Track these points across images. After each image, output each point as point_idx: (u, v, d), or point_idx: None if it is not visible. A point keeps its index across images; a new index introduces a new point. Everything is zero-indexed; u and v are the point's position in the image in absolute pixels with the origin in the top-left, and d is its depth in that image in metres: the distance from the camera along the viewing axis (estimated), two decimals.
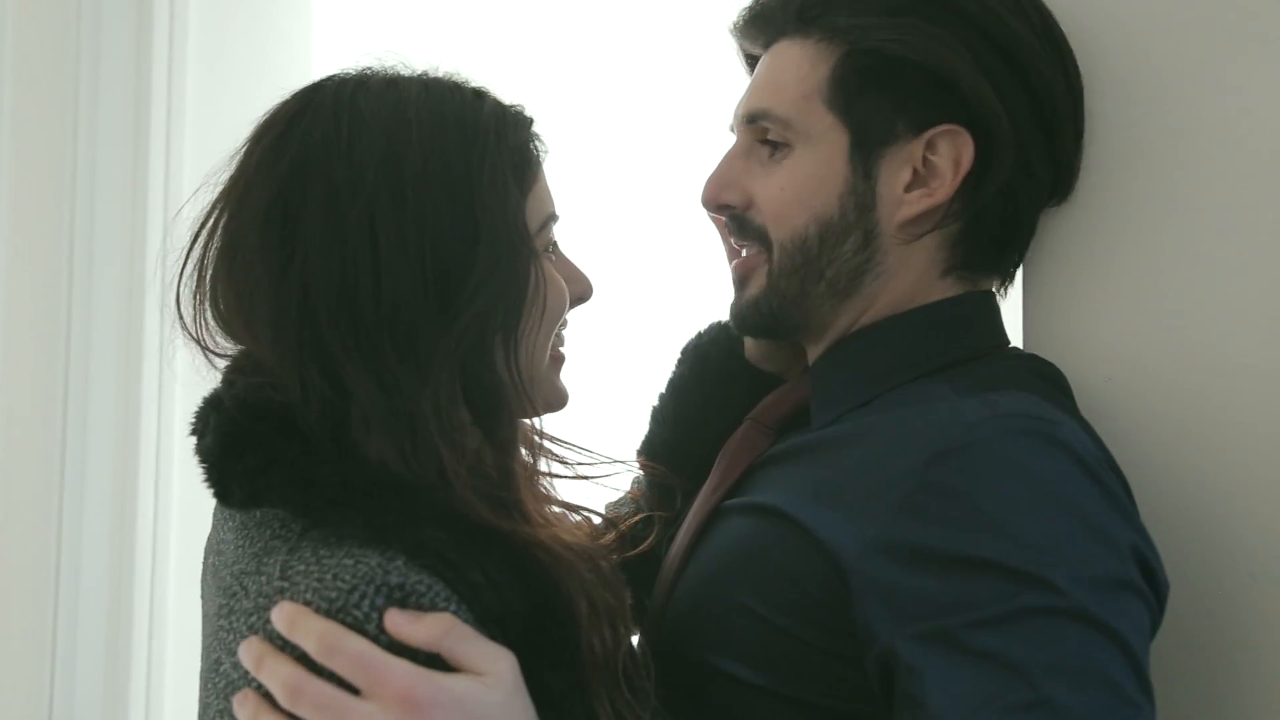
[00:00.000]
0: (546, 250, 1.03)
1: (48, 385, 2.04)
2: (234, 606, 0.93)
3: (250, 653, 0.87)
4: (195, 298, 1.00)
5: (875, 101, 1.04)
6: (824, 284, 1.06)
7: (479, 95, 1.02)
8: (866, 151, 1.04)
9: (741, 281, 1.11)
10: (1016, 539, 0.89)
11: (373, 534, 0.88)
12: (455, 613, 0.87)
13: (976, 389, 0.99)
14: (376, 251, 0.93)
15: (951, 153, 1.03)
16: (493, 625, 0.88)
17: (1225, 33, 1.12)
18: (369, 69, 1.02)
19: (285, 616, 0.86)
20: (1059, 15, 1.13)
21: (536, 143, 1.04)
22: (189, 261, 1.00)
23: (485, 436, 0.97)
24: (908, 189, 1.04)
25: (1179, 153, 1.14)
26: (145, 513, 1.99)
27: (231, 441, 0.93)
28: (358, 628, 0.85)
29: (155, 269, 2.11)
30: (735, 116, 1.12)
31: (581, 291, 1.07)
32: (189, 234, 1.01)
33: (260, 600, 0.90)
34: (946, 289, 1.09)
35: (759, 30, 1.11)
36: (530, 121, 1.04)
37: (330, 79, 1.02)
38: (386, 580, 0.86)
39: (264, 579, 0.91)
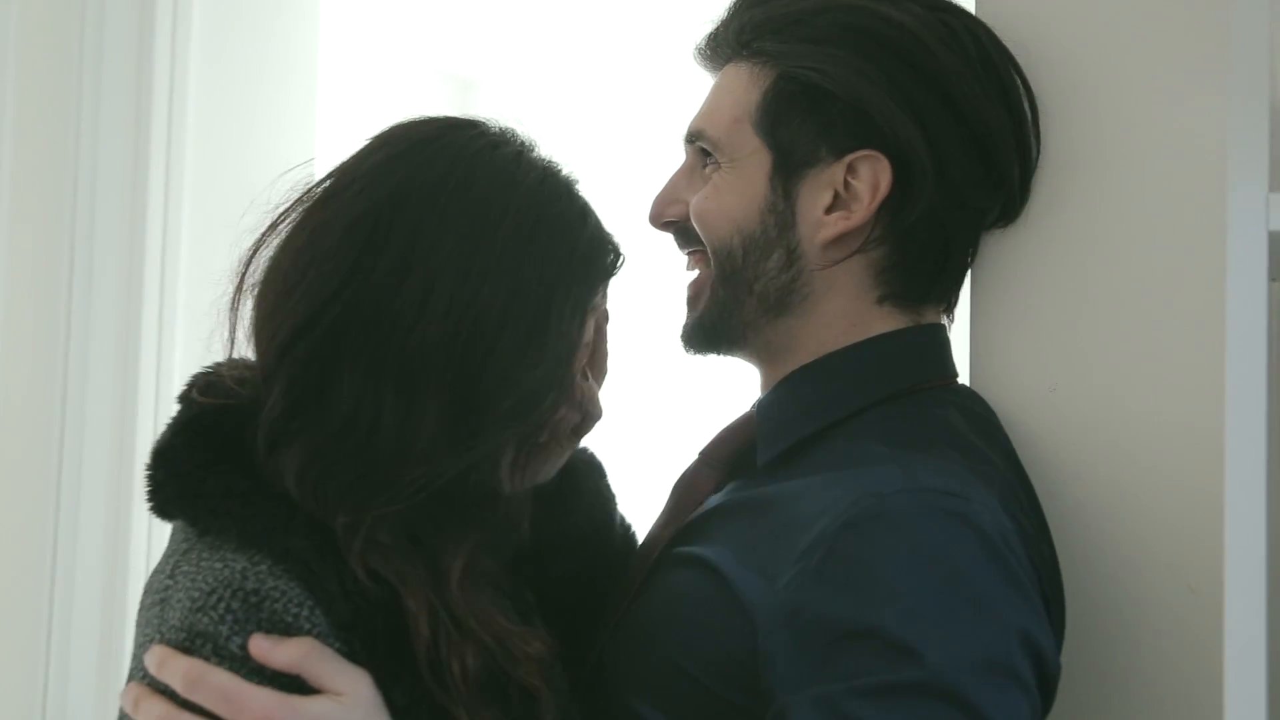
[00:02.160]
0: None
1: (46, 385, 2.07)
2: (143, 603, 1.00)
3: (129, 696, 0.95)
4: (242, 279, 1.03)
5: (799, 126, 1.07)
6: (754, 298, 1.09)
7: (584, 214, 1.04)
8: (787, 174, 1.08)
9: (693, 300, 1.14)
10: (904, 612, 0.91)
11: (245, 540, 0.94)
12: (309, 618, 0.92)
13: (910, 447, 1.01)
14: (423, 307, 0.96)
15: (870, 178, 1.06)
16: (345, 633, 0.93)
17: (1161, 56, 1.16)
18: (512, 132, 1.05)
19: (155, 658, 0.93)
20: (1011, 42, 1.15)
21: (616, 274, 1.06)
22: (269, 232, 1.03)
23: (444, 521, 0.99)
24: (828, 211, 1.07)
25: (1115, 171, 1.17)
26: (140, 514, 2.01)
27: (154, 459, 1.00)
28: (212, 628, 0.92)
29: (154, 271, 2.13)
30: (684, 132, 1.16)
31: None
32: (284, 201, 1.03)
33: (154, 596, 0.98)
34: (888, 319, 1.11)
35: (712, 53, 1.15)
36: (620, 254, 1.06)
37: (471, 125, 1.05)
38: (244, 586, 0.92)
39: (161, 575, 0.98)
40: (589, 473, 1.18)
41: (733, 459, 1.14)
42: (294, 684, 0.92)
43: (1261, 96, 0.89)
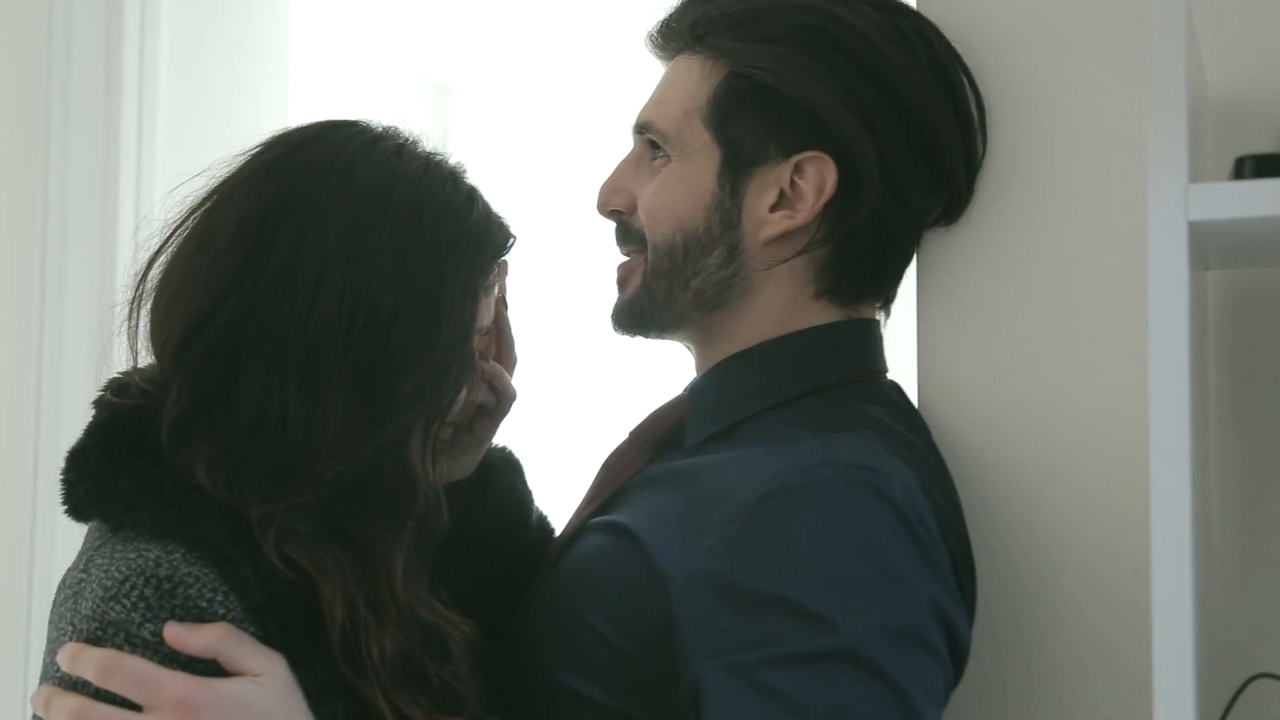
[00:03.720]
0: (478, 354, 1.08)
1: (19, 389, 2.08)
2: (56, 600, 1.01)
3: (39, 698, 0.96)
4: (138, 291, 1.05)
5: (749, 124, 1.08)
6: (690, 293, 1.10)
7: (471, 198, 1.06)
8: (735, 171, 1.09)
9: (622, 283, 1.15)
10: (820, 583, 0.93)
11: (158, 529, 0.96)
12: (223, 602, 0.94)
13: (832, 430, 1.03)
14: (315, 299, 0.99)
15: (816, 178, 1.07)
16: (259, 616, 0.95)
17: (1082, 51, 1.18)
18: (393, 129, 1.07)
19: (67, 655, 0.94)
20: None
21: (508, 254, 1.09)
22: (159, 251, 1.05)
23: (369, 512, 1.00)
24: (772, 209, 1.08)
25: (1048, 167, 1.19)
26: None
27: (68, 461, 1.02)
28: (124, 616, 0.93)
29: (126, 274, 2.14)
30: (633, 123, 1.16)
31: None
32: (170, 219, 1.06)
33: (67, 591, 0.99)
34: (822, 313, 1.12)
35: (664, 43, 1.15)
36: (511, 236, 1.09)
37: (352, 124, 1.07)
38: (156, 573, 0.94)
39: (75, 571, 1.00)
40: (505, 470, 1.20)
41: (662, 440, 1.15)
42: (209, 670, 0.93)
43: (1179, 89, 0.91)
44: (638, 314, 1.13)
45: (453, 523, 1.06)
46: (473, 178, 1.09)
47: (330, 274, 0.99)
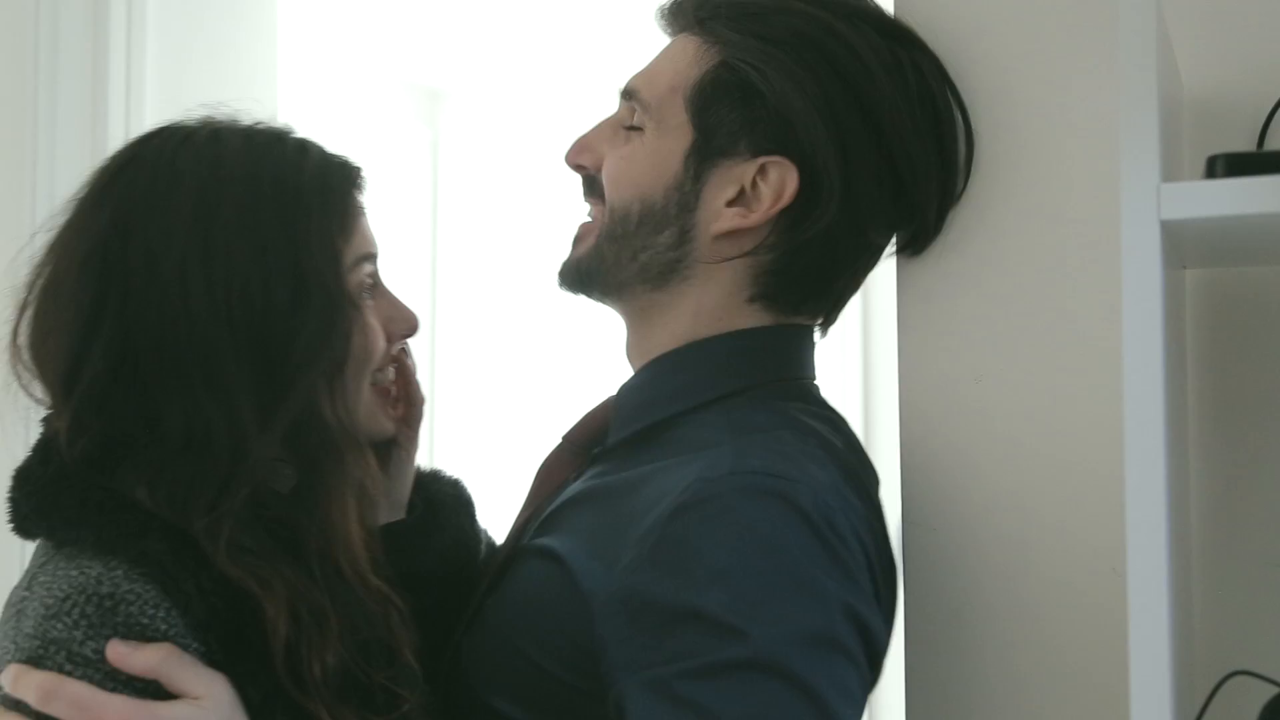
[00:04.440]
0: (364, 294, 1.08)
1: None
2: (1, 618, 1.01)
3: None
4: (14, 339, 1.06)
5: (726, 115, 1.08)
6: (637, 265, 1.11)
7: (302, 150, 1.07)
8: (703, 157, 1.09)
9: (577, 241, 1.16)
10: (729, 593, 0.94)
11: (101, 546, 0.96)
12: (165, 619, 0.94)
13: (749, 431, 1.04)
14: (189, 306, 1.00)
15: (777, 183, 1.08)
16: (202, 632, 0.95)
17: (1054, 52, 1.20)
18: (205, 119, 1.07)
19: (10, 676, 0.94)
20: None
21: (360, 191, 1.09)
22: (22, 308, 1.05)
23: (306, 480, 1.03)
24: (729, 204, 1.09)
25: (1036, 167, 1.20)
26: None
27: (13, 480, 1.02)
28: (65, 634, 0.93)
29: None
30: (621, 87, 1.16)
31: (405, 329, 1.13)
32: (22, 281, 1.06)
33: (11, 609, 0.99)
34: (754, 317, 1.12)
35: (671, 19, 1.15)
36: (356, 170, 1.09)
37: (161, 131, 1.07)
38: (98, 590, 0.94)
39: (19, 589, 1.00)
40: (454, 509, 1.19)
41: (594, 442, 1.16)
42: (151, 688, 0.93)
43: (1150, 88, 0.92)
44: (584, 273, 1.14)
45: (397, 562, 1.07)
46: (300, 134, 1.09)
47: (191, 275, 0.99)
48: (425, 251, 3.77)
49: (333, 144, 1.09)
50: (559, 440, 1.17)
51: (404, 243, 3.69)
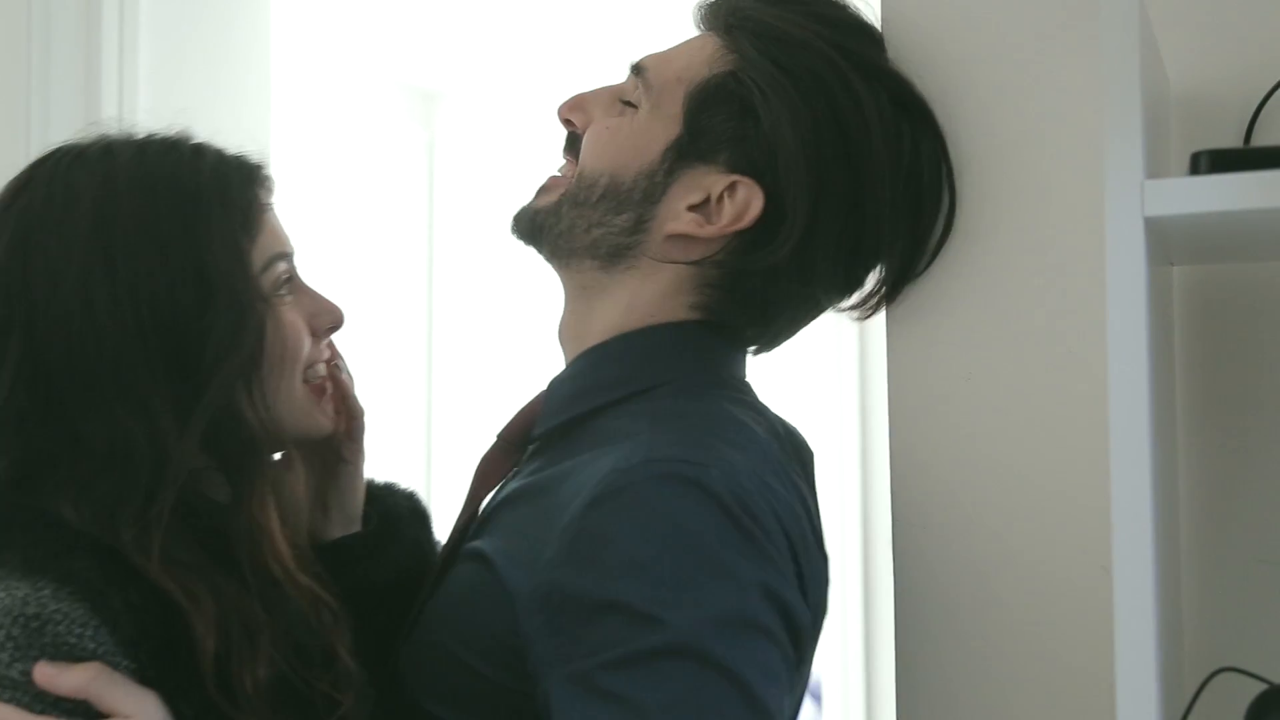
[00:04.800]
0: (280, 290, 1.08)
1: None
2: None
3: None
4: None
5: (718, 123, 1.09)
6: (589, 239, 1.11)
7: (198, 153, 1.07)
8: (682, 154, 1.10)
9: (543, 192, 1.16)
10: (645, 582, 0.94)
11: (28, 566, 0.96)
12: (94, 638, 0.93)
13: (668, 419, 1.04)
14: (94, 320, 1.00)
15: (741, 204, 1.08)
16: (132, 650, 0.95)
17: (1038, 51, 1.20)
18: (97, 135, 1.07)
19: None
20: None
21: (262, 189, 1.09)
22: None
23: (229, 480, 1.04)
24: (691, 208, 1.09)
25: (1024, 165, 1.20)
26: None
27: None
28: None
29: None
30: (633, 60, 1.17)
31: (330, 322, 1.13)
32: None
33: None
34: (685, 314, 1.12)
35: (707, 15, 1.16)
36: (255, 169, 1.09)
37: (54, 152, 1.07)
38: (24, 611, 0.93)
39: None
40: (410, 522, 1.19)
41: (529, 439, 1.16)
42: (81, 709, 0.92)
43: (1133, 85, 0.92)
44: (538, 225, 1.14)
45: (353, 575, 1.08)
46: (204, 145, 1.08)
47: (95, 288, 1.00)
48: (421, 253, 3.77)
49: (232, 146, 1.09)
50: (495, 439, 1.17)
51: (399, 244, 3.69)
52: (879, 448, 1.17)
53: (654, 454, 0.99)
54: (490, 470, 1.15)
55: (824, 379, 3.42)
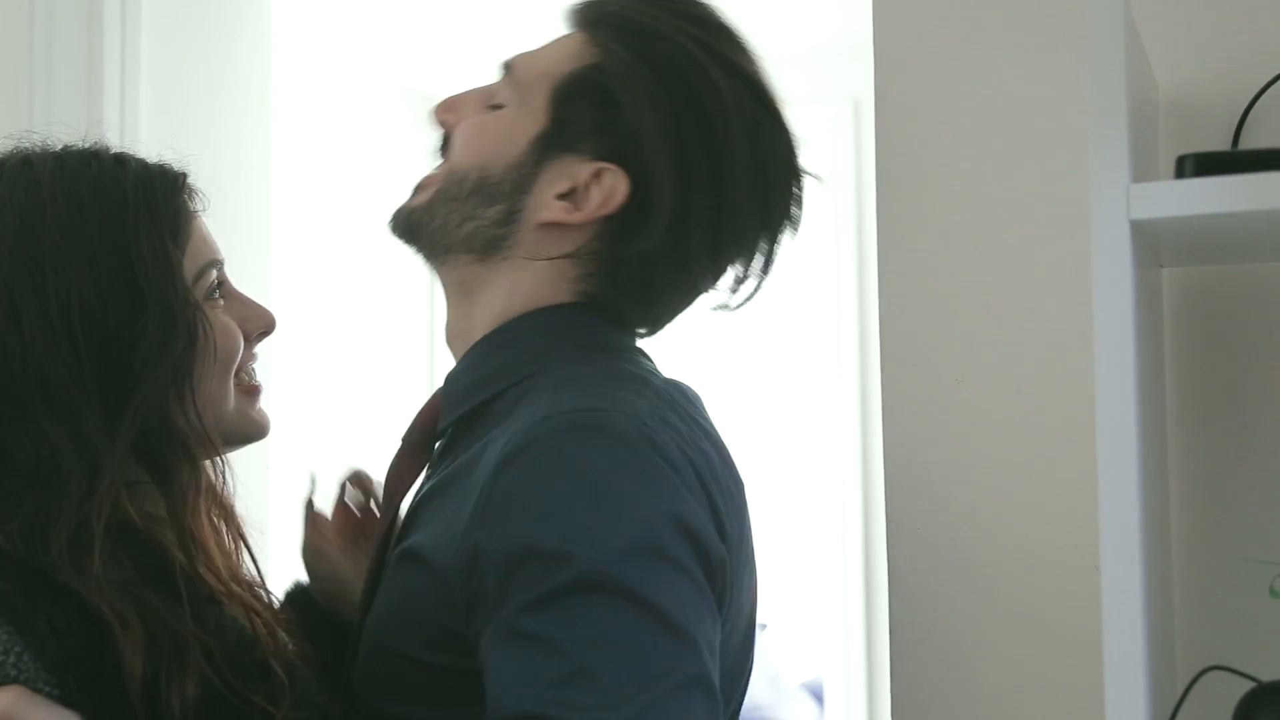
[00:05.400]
0: (213, 296, 1.09)
1: None
2: None
3: None
4: None
5: (582, 114, 1.11)
6: (463, 233, 1.13)
7: (120, 162, 1.07)
8: (548, 145, 1.12)
9: (417, 190, 1.17)
10: (554, 524, 0.96)
11: None
12: (16, 663, 0.92)
13: (568, 382, 1.06)
14: (20, 331, 0.99)
15: (607, 190, 1.10)
16: (58, 673, 0.94)
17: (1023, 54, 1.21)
18: (16, 150, 1.07)
19: None
20: None
21: (188, 197, 1.09)
22: None
23: (161, 490, 1.03)
24: (559, 197, 1.11)
25: (1013, 169, 1.22)
26: None
27: None
28: None
29: None
30: (502, 60, 1.19)
31: (262, 326, 1.13)
32: None
33: None
34: (567, 297, 1.14)
35: (573, 15, 1.18)
36: (180, 178, 1.09)
37: None
38: None
39: None
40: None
41: (427, 438, 1.17)
42: None
43: (1118, 89, 0.93)
44: (414, 224, 1.16)
45: (318, 612, 1.09)
46: (117, 144, 1.10)
47: (22, 299, 1.00)
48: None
49: (151, 155, 1.10)
50: (399, 445, 1.18)
51: (403, 249, 3.71)
52: (878, 449, 1.19)
53: (554, 409, 1.01)
54: (400, 474, 1.16)
55: (823, 382, 3.44)
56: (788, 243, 1.15)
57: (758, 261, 1.15)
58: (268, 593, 1.10)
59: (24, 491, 0.98)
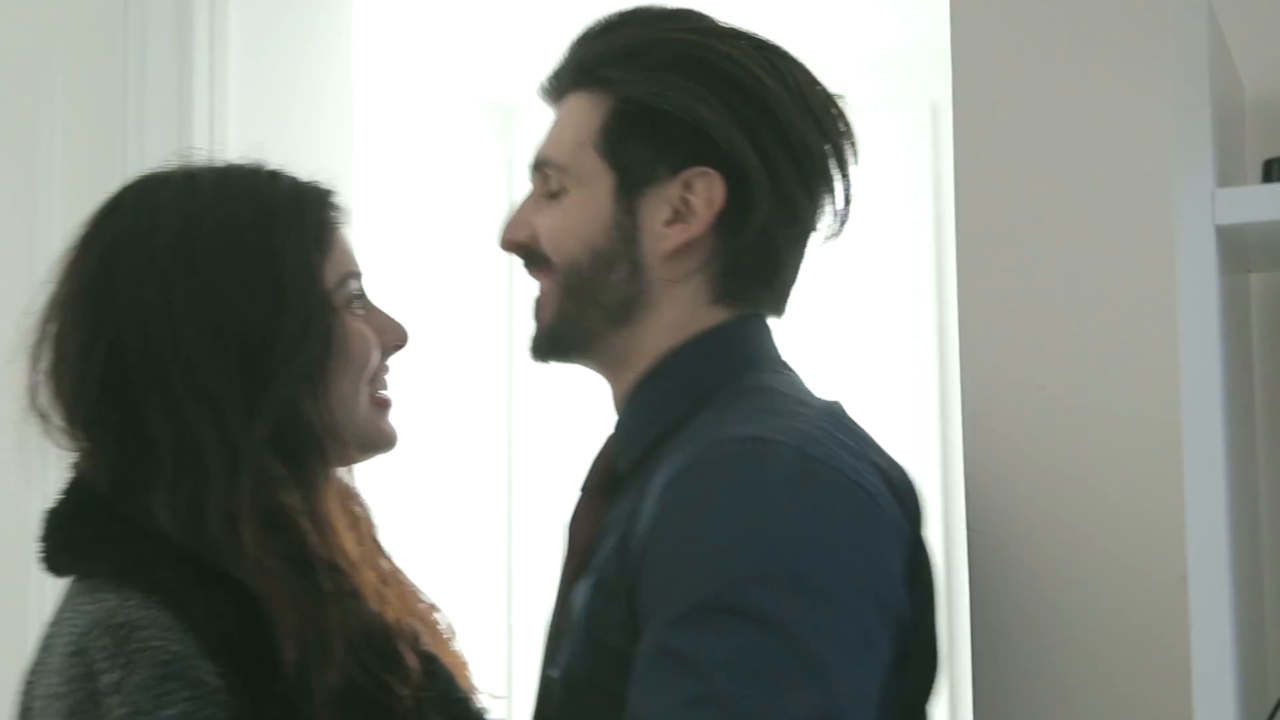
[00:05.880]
0: (350, 305, 1.14)
1: None
2: (37, 649, 1.07)
3: None
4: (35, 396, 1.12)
5: (638, 147, 1.13)
6: (600, 309, 1.14)
7: (274, 176, 1.15)
8: (629, 190, 1.13)
9: (538, 311, 1.19)
10: (710, 547, 0.98)
11: (116, 578, 1.02)
12: (179, 640, 0.98)
13: (730, 409, 1.08)
14: (173, 322, 1.06)
15: (705, 192, 1.11)
16: (213, 655, 0.99)
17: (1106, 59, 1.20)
18: (181, 165, 1.15)
19: None
20: None
21: (333, 211, 1.16)
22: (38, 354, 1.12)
23: (296, 482, 1.09)
24: (668, 224, 1.12)
25: (1098, 173, 1.20)
26: None
27: (44, 521, 1.09)
28: (90, 664, 0.98)
29: None
30: (529, 162, 1.20)
31: (395, 340, 1.18)
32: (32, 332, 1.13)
33: (41, 644, 1.05)
34: (716, 315, 1.15)
35: (553, 89, 1.19)
36: (327, 194, 1.16)
37: (139, 179, 1.15)
38: (112, 620, 0.99)
39: (50, 624, 1.06)
40: None
41: (607, 481, 1.18)
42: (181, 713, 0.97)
43: (1202, 93, 0.92)
44: (556, 338, 1.17)
45: None
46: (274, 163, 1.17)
47: (177, 294, 1.06)
48: (501, 266, 3.81)
49: (306, 173, 1.17)
50: (578, 494, 1.20)
51: (479, 257, 3.74)
52: (958, 457, 1.18)
53: (721, 435, 1.03)
54: (582, 521, 1.18)
55: (903, 389, 3.41)
56: (857, 170, 1.18)
57: (839, 184, 1.16)
58: (407, 587, 1.15)
59: (178, 475, 1.04)
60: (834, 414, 1.10)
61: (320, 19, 2.43)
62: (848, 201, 1.17)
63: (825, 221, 1.17)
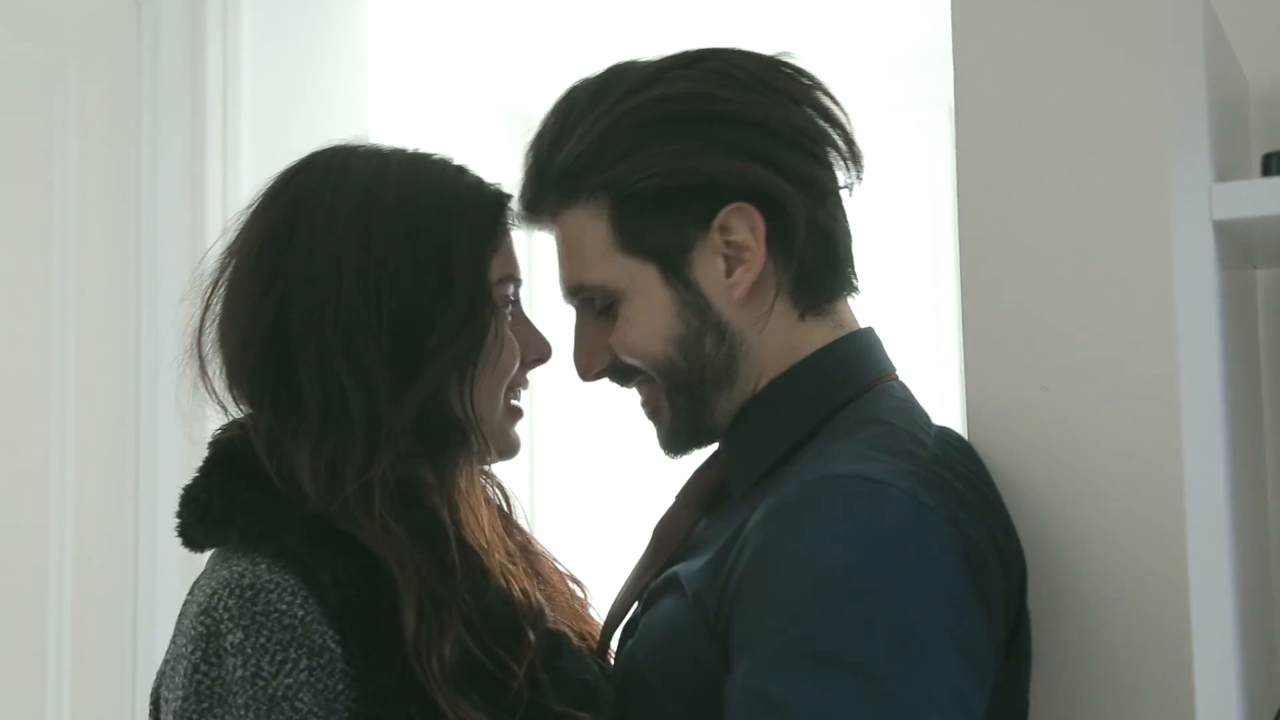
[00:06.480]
0: (505, 309, 1.16)
1: (118, 371, 2.19)
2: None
3: None
4: (200, 340, 1.16)
5: (658, 227, 1.11)
6: (708, 384, 1.14)
7: (461, 170, 1.18)
8: (675, 268, 1.12)
9: (654, 415, 1.18)
10: (811, 588, 0.97)
11: (246, 544, 1.05)
12: (303, 604, 1.01)
13: (837, 441, 1.07)
14: (340, 284, 1.09)
15: (744, 227, 1.11)
16: (335, 621, 1.01)
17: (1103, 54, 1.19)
18: (372, 144, 1.18)
19: None
20: None
21: (509, 213, 1.18)
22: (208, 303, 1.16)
23: (431, 460, 1.12)
24: (728, 274, 1.12)
25: (1099, 172, 1.19)
26: None
27: (181, 498, 1.12)
28: (214, 626, 1.01)
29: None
30: (562, 293, 1.19)
31: (539, 354, 1.20)
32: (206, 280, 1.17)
33: (182, 609, 1.08)
34: (813, 331, 1.15)
35: (535, 216, 1.18)
36: (507, 197, 1.18)
37: (329, 146, 1.18)
38: (241, 583, 1.02)
39: (190, 590, 1.10)
40: None
41: (710, 496, 1.19)
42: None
43: (1199, 87, 0.90)
44: (685, 433, 1.16)
45: None
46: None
47: (347, 260, 1.09)
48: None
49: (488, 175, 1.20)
50: (674, 500, 1.20)
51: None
52: None
53: (831, 471, 1.02)
54: (671, 528, 1.18)
55: (927, 390, 3.39)
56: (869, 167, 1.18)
57: (836, 134, 1.16)
58: (544, 565, 1.19)
59: (322, 432, 1.07)
60: (948, 455, 1.08)
61: (334, 26, 2.45)
62: (851, 143, 1.16)
63: (843, 174, 1.17)
